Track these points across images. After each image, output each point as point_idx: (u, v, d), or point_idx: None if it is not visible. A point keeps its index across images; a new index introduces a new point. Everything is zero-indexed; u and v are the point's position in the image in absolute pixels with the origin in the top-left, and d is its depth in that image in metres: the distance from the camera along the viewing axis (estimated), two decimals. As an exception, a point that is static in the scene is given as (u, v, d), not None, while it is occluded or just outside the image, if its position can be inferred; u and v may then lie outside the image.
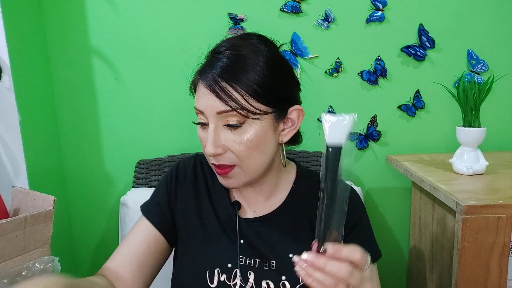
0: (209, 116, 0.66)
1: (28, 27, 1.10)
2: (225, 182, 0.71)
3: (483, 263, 0.87)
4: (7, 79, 1.00)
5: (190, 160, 0.83)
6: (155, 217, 0.78)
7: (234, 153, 0.66)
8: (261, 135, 0.67)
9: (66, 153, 1.27)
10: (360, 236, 0.75)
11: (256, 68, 0.65)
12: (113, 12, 1.19)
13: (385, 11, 1.22)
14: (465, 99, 1.03)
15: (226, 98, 0.64)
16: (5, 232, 0.74)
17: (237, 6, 1.20)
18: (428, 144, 1.31)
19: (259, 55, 0.67)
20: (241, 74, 0.65)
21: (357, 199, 0.79)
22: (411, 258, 1.32)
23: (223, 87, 0.64)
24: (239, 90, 0.64)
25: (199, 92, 0.68)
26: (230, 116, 0.65)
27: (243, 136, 0.66)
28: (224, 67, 0.66)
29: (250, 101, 0.65)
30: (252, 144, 0.66)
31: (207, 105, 0.66)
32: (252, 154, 0.67)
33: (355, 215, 0.76)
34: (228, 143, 0.66)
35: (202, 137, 0.70)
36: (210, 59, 0.69)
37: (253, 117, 0.65)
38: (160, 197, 0.80)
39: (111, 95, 1.24)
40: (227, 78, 0.65)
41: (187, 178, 0.81)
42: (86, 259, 1.35)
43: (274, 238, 0.74)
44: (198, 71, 0.70)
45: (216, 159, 0.68)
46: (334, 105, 1.27)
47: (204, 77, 0.67)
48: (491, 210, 0.84)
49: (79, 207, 1.31)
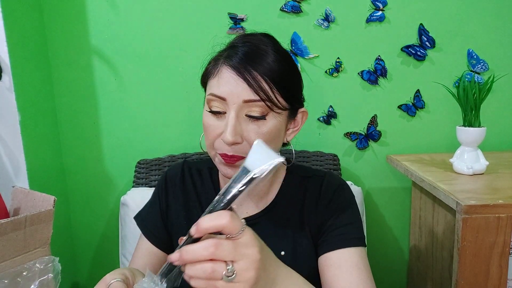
0: (232, 104, 0.64)
1: (28, 27, 1.10)
2: (230, 171, 0.68)
3: (483, 262, 0.87)
4: (7, 79, 1.00)
5: (178, 168, 0.83)
6: (154, 237, 0.79)
7: (250, 144, 0.64)
8: (277, 130, 0.67)
9: (66, 153, 1.27)
10: (343, 219, 0.73)
11: (279, 62, 0.66)
12: (113, 12, 1.19)
13: (385, 11, 1.22)
14: (465, 98, 1.03)
15: (256, 87, 0.63)
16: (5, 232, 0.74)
17: (237, 6, 1.20)
18: (428, 144, 1.31)
19: (278, 51, 0.68)
20: (267, 65, 0.65)
21: (345, 187, 0.78)
22: (411, 257, 1.32)
23: (254, 76, 0.63)
24: (268, 81, 0.64)
25: (222, 78, 0.65)
26: (254, 106, 0.64)
27: (263, 127, 0.65)
28: (251, 56, 0.65)
29: (276, 94, 0.65)
30: (270, 137, 0.66)
31: (234, 92, 0.63)
32: None
33: (340, 200, 0.75)
34: (248, 133, 0.65)
35: (212, 124, 0.67)
36: (231, 48, 0.68)
37: (276, 111, 0.66)
38: (155, 212, 0.81)
39: (111, 95, 1.24)
40: (256, 67, 0.64)
41: (176, 186, 0.81)
42: (86, 259, 1.35)
43: (265, 237, 0.74)
44: (221, 56, 0.68)
45: (231, 148, 0.65)
46: (334, 105, 1.27)
47: (231, 62, 0.65)
48: (491, 210, 0.84)
49: (79, 207, 1.31)
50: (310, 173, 0.80)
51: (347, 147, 1.31)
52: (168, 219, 0.80)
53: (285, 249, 0.73)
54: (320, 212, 0.75)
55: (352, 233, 0.72)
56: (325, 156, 1.20)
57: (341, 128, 1.29)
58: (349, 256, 0.69)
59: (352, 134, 1.29)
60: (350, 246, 0.70)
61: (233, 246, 0.45)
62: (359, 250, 0.70)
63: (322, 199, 0.75)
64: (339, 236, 0.71)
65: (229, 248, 0.44)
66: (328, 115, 1.27)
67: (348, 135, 1.29)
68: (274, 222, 0.75)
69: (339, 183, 0.78)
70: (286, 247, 0.73)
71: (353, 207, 0.76)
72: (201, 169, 0.83)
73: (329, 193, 0.75)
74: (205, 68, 0.71)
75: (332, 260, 0.69)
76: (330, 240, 0.71)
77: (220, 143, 0.66)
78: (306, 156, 1.21)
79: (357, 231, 0.73)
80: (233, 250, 0.44)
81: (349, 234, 0.71)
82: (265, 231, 0.74)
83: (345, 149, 1.30)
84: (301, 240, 0.74)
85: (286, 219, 0.76)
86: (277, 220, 0.76)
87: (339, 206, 0.74)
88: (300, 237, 0.74)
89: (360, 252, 0.70)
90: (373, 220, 1.35)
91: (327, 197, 0.75)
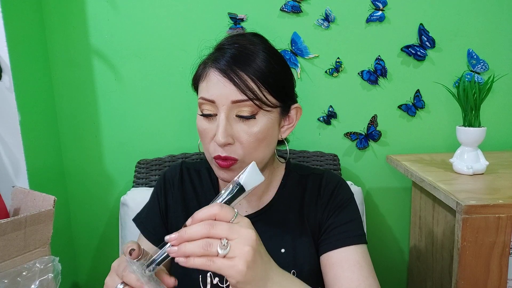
0: (221, 105, 0.65)
1: (28, 27, 1.10)
2: (226, 175, 0.69)
3: (483, 263, 0.87)
4: (7, 79, 1.00)
5: (176, 168, 0.84)
6: (154, 238, 0.79)
7: (242, 145, 0.66)
8: (269, 128, 0.68)
9: (66, 153, 1.27)
10: (343, 217, 0.74)
11: (268, 61, 0.67)
12: (113, 12, 1.19)
13: (385, 11, 1.22)
14: (465, 98, 1.03)
15: (243, 87, 0.64)
16: (5, 232, 0.74)
17: (237, 6, 1.20)
18: (428, 144, 1.31)
19: (267, 50, 0.68)
20: (255, 66, 0.65)
21: (344, 185, 0.79)
22: (411, 258, 1.32)
23: (240, 76, 0.64)
24: (255, 80, 0.65)
25: (210, 81, 0.66)
26: (243, 106, 0.65)
27: (254, 127, 0.66)
28: (238, 57, 0.66)
29: (264, 92, 0.65)
30: (261, 136, 0.66)
31: (222, 94, 0.64)
32: (259, 146, 0.67)
33: (339, 198, 0.76)
34: (238, 134, 0.65)
35: (205, 128, 0.68)
36: (219, 50, 0.69)
37: (265, 109, 0.66)
38: (154, 212, 0.81)
39: (111, 95, 1.24)
40: (243, 68, 0.65)
41: (175, 187, 0.81)
42: (86, 259, 1.35)
43: (265, 235, 0.74)
44: (209, 60, 0.69)
45: (224, 149, 0.66)
46: (334, 105, 1.27)
47: (218, 65, 0.66)
48: (491, 210, 0.84)
49: (79, 207, 1.31)
50: (309, 171, 0.81)
51: (347, 147, 1.31)
52: (167, 219, 0.80)
53: (285, 246, 0.74)
54: (319, 211, 0.75)
55: (353, 231, 0.72)
56: (325, 156, 1.20)
57: (341, 128, 1.29)
58: (350, 254, 0.69)
59: (352, 134, 1.29)
60: (351, 244, 0.70)
61: (228, 225, 0.49)
62: (360, 247, 0.71)
63: (322, 197, 0.76)
64: (340, 235, 0.72)
65: (224, 227, 0.48)
66: (328, 115, 1.27)
67: (348, 135, 1.29)
68: (274, 220, 0.76)
69: (337, 181, 0.78)
70: (286, 244, 0.74)
71: (352, 204, 0.77)
72: (200, 170, 0.83)
73: (328, 191, 0.76)
74: (195, 72, 0.72)
75: (334, 259, 0.70)
76: (331, 239, 0.72)
77: (214, 146, 0.67)
78: (306, 156, 1.21)
79: (357, 228, 0.73)
80: (228, 228, 0.48)
81: (350, 232, 0.72)
82: (266, 229, 0.75)
83: (345, 149, 1.31)
84: (301, 237, 0.74)
85: (286, 217, 0.76)
86: (277, 218, 0.76)
87: (339, 204, 0.75)
88: (300, 235, 0.75)
89: (361, 249, 0.71)
90: (373, 220, 1.35)
91: (327, 196, 0.76)
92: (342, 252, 0.70)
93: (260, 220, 0.75)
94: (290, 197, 0.78)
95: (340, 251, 0.70)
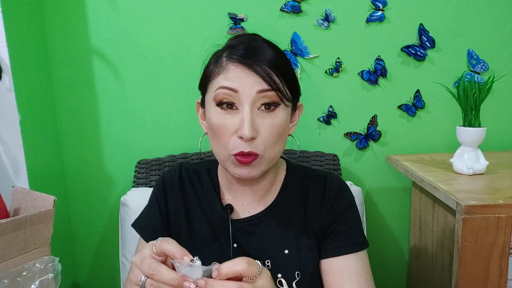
0: (245, 97, 0.64)
1: (28, 27, 1.10)
2: (247, 172, 0.67)
3: (483, 263, 0.87)
4: (7, 79, 1.00)
5: (175, 170, 0.82)
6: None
7: (263, 139, 0.65)
8: (286, 123, 0.69)
9: (66, 153, 1.27)
10: (346, 223, 0.75)
11: (280, 56, 0.68)
12: (113, 12, 1.19)
13: (385, 11, 1.22)
14: (465, 98, 1.03)
15: (267, 78, 0.64)
16: (5, 232, 0.74)
17: (237, 6, 1.20)
18: (428, 144, 1.31)
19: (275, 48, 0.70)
20: (272, 59, 0.66)
21: (346, 188, 0.79)
22: (411, 258, 1.32)
23: (263, 68, 0.65)
24: (276, 72, 0.65)
25: (230, 73, 0.65)
26: (267, 97, 0.65)
27: (275, 120, 0.66)
28: (255, 51, 0.66)
29: (284, 85, 0.66)
30: (281, 130, 0.67)
31: (246, 83, 0.64)
32: (278, 141, 0.67)
33: (343, 203, 0.76)
34: (262, 127, 0.65)
35: (225, 122, 0.65)
36: (232, 47, 0.68)
37: (285, 103, 0.67)
38: (155, 216, 0.80)
39: (111, 95, 1.24)
40: (263, 60, 0.65)
41: (175, 189, 0.80)
42: (86, 259, 1.35)
43: (268, 236, 0.75)
44: (223, 55, 0.68)
45: (249, 144, 0.64)
46: (334, 105, 1.27)
47: (238, 57, 0.65)
48: (492, 210, 0.84)
49: (79, 207, 1.31)
50: (311, 173, 0.80)
51: (347, 147, 1.31)
52: (169, 222, 0.80)
53: (289, 247, 0.74)
54: (323, 215, 0.75)
55: (354, 237, 0.73)
56: (325, 156, 1.20)
57: (341, 128, 1.29)
58: (350, 263, 0.71)
59: (352, 134, 1.29)
60: (352, 251, 0.72)
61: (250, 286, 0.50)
62: (360, 255, 0.72)
63: (325, 201, 0.76)
64: (342, 242, 0.73)
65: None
66: (328, 115, 1.27)
67: (348, 135, 1.29)
68: (277, 221, 0.76)
69: (340, 185, 0.78)
70: (289, 245, 0.74)
71: (354, 208, 0.77)
72: (199, 171, 0.82)
73: (332, 195, 0.76)
74: (204, 71, 0.71)
75: (335, 267, 0.71)
76: (333, 245, 0.73)
77: (235, 141, 0.65)
78: (306, 156, 1.21)
79: (358, 234, 0.74)
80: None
81: (351, 239, 0.73)
82: (269, 230, 0.75)
83: (345, 149, 1.30)
84: (304, 239, 0.74)
85: (289, 218, 0.76)
86: (280, 219, 0.76)
87: (342, 210, 0.75)
88: (303, 236, 0.75)
89: (361, 257, 0.72)
90: (373, 220, 1.35)
91: (330, 200, 0.76)
92: (343, 260, 0.71)
93: (263, 221, 0.75)
94: (292, 198, 0.77)
95: (341, 258, 0.71)
